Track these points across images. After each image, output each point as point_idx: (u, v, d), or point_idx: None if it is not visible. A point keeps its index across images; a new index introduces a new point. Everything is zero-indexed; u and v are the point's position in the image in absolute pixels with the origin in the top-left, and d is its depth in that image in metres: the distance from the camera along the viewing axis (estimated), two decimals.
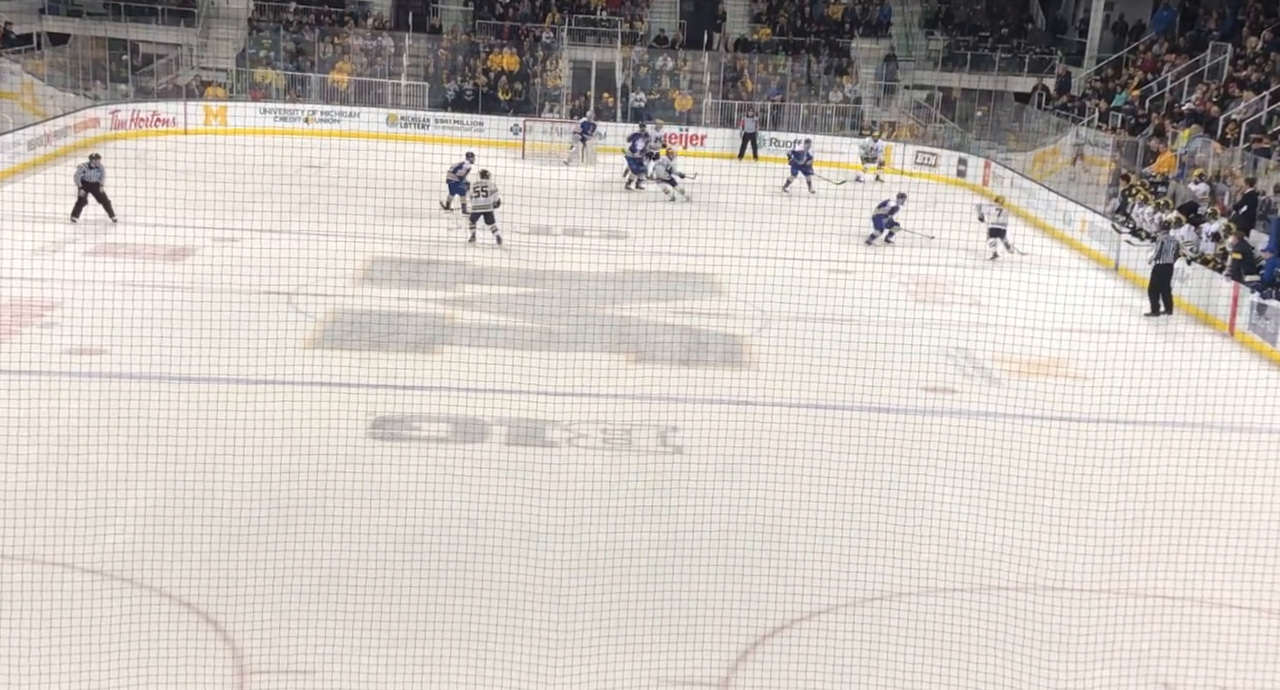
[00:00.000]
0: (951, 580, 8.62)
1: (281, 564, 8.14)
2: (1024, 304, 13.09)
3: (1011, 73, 32.11)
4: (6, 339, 12.94)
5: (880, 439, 11.31)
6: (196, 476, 9.61)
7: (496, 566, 8.39)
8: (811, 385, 11.64)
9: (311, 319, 14.61)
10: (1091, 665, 7.64)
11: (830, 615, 8.20)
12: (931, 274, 18.61)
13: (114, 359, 12.30)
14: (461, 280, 16.86)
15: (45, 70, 27.29)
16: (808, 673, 7.39)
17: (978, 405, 12.69)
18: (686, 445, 11.25)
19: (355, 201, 17.76)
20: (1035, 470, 10.02)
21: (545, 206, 22.51)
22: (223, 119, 29.43)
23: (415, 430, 11.28)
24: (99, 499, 8.69)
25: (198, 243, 17.78)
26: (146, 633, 7.35)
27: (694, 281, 17.56)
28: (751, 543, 9.05)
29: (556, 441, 11.11)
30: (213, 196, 17.88)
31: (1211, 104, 22.95)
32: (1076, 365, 14.19)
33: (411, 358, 13.28)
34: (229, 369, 11.81)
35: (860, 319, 15.59)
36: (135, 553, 8.41)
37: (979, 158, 28.74)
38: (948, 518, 9.42)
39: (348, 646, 7.44)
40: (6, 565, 8.08)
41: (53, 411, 10.18)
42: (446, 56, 32.84)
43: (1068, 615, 8.29)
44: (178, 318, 13.79)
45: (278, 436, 10.06)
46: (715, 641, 7.71)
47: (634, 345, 14.16)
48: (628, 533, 8.88)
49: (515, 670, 7.25)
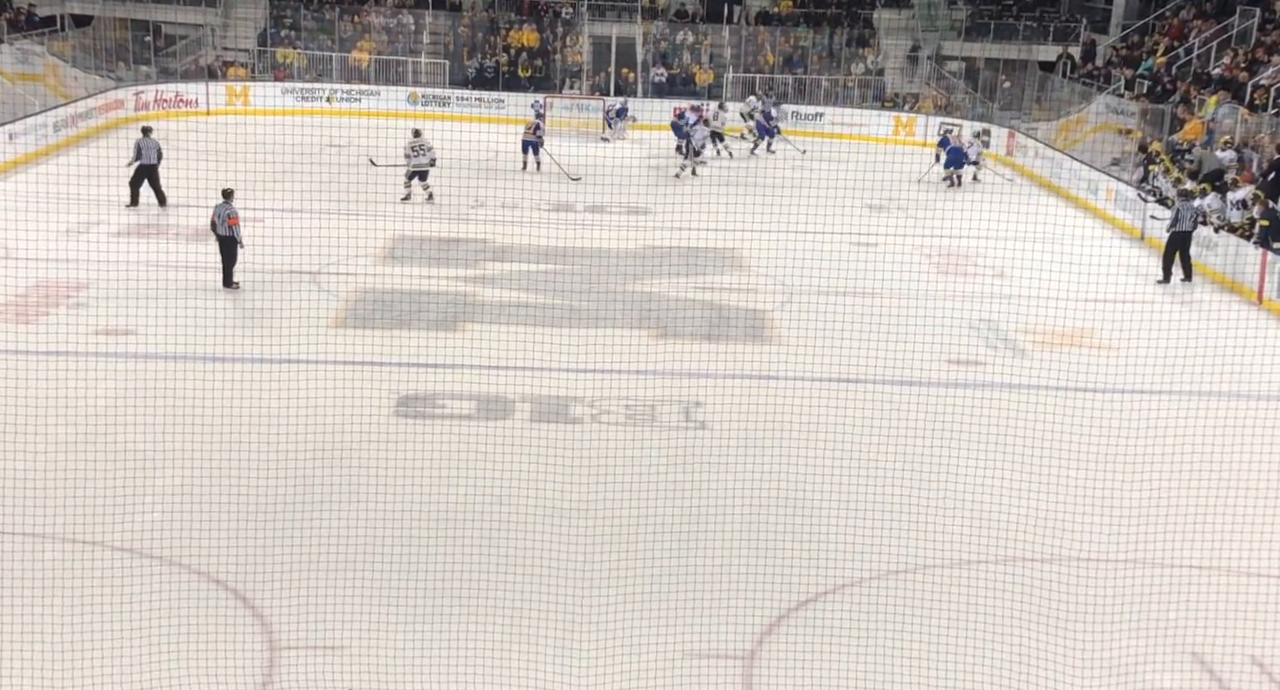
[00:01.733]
0: (979, 552, 8.60)
1: (310, 541, 8.22)
2: (1050, 275, 12.99)
3: (1035, 41, 31.75)
4: (36, 320, 13.07)
5: (905, 412, 11.29)
6: (225, 455, 9.70)
7: (522, 542, 8.44)
8: (835, 359, 11.60)
9: (336, 298, 14.67)
10: (1121, 636, 7.62)
11: (857, 588, 8.21)
12: (955, 246, 18.48)
13: (142, 339, 12.40)
14: (484, 258, 16.88)
15: (69, 52, 27.41)
16: (834, 646, 7.41)
17: (1004, 377, 12.63)
18: (711, 420, 11.25)
19: (377, 180, 17.79)
20: (1062, 441, 9.97)
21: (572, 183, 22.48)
22: (245, 99, 29.51)
23: (440, 408, 11.33)
24: (130, 478, 8.79)
25: None
26: (178, 609, 7.45)
27: (716, 257, 17.52)
28: (777, 517, 9.05)
29: (581, 418, 11.14)
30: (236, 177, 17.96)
31: (1239, 70, 22.62)
32: (1104, 335, 14.08)
33: (436, 336, 13.33)
34: (256, 348, 11.90)
35: (884, 292, 15.51)
36: (166, 531, 8.51)
37: (1003, 128, 28.46)
38: (974, 490, 9.40)
39: (377, 622, 7.51)
40: (40, 544, 8.19)
41: (83, 391, 10.28)
42: (467, 34, 32.75)
43: (1096, 586, 8.26)
44: (205, 298, 13.89)
45: (305, 415, 10.14)
46: (742, 615, 7.74)
47: (657, 321, 14.16)
48: (653, 508, 8.90)
49: (542, 645, 7.30)
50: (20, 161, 21.38)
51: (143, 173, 18.80)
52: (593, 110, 29.56)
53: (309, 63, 31.70)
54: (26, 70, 25.18)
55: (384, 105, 29.84)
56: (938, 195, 21.61)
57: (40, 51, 25.85)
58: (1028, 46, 31.49)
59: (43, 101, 24.15)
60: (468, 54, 32.21)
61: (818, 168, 24.69)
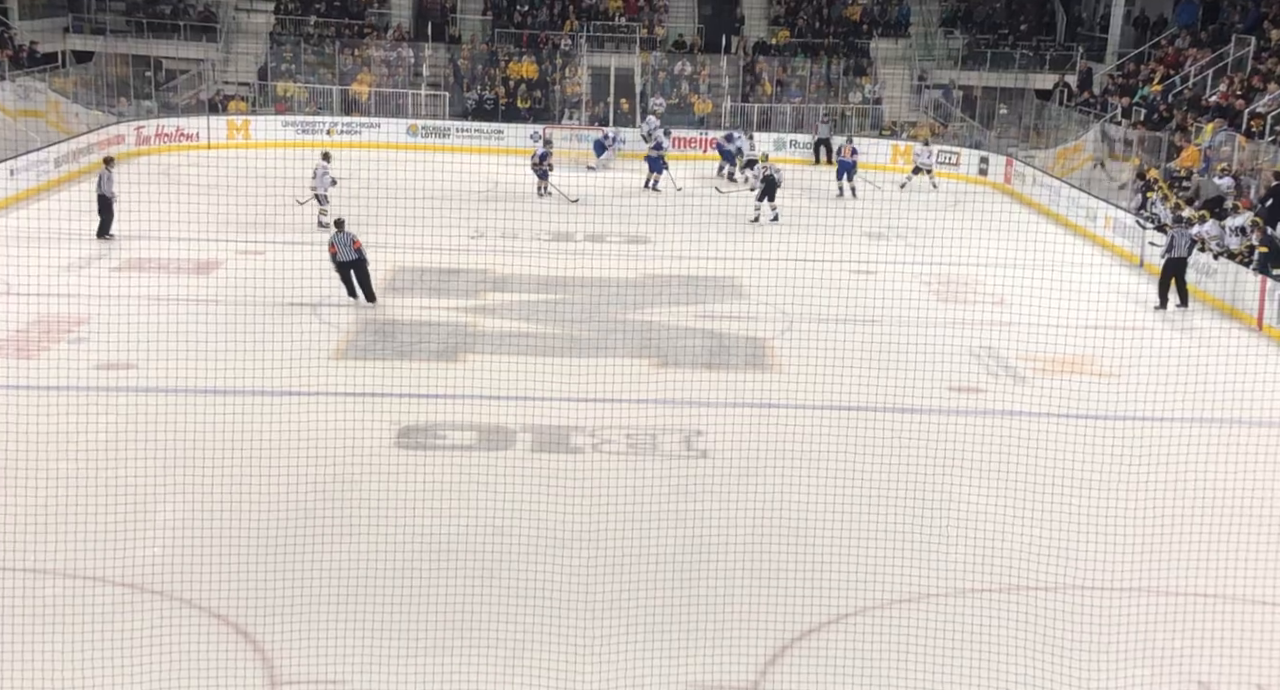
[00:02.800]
0: (981, 581, 8.57)
1: (311, 574, 8.19)
2: (1050, 302, 13.01)
3: (1032, 70, 31.94)
4: (37, 355, 13.08)
5: (907, 440, 11.27)
6: (226, 489, 9.68)
7: (524, 573, 8.41)
8: (836, 387, 11.60)
9: (337, 330, 14.69)
10: (1125, 665, 7.57)
11: (859, 618, 8.17)
12: (955, 273, 18.53)
13: (143, 373, 12.41)
14: (484, 288, 16.92)
15: (71, 88, 27.59)
16: (837, 676, 7.37)
17: (1005, 404, 12.62)
18: (711, 449, 11.24)
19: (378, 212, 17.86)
20: (1064, 468, 9.95)
21: (569, 211, 22.58)
22: (246, 133, 29.66)
23: (441, 438, 11.32)
24: (130, 512, 8.77)
25: (223, 256, 17.93)
26: (179, 645, 7.41)
27: (716, 285, 17.56)
28: (779, 546, 9.03)
29: (581, 447, 11.13)
30: (237, 210, 18.02)
31: (1236, 97, 22.75)
32: (1104, 363, 14.09)
33: (436, 366, 13.34)
34: (256, 381, 11.90)
35: (884, 319, 15.53)
36: (167, 565, 8.48)
37: (1000, 156, 28.60)
38: (976, 518, 9.37)
39: (378, 655, 7.47)
40: (41, 579, 8.16)
41: (83, 426, 10.28)
42: (466, 66, 32.97)
43: (1100, 614, 8.22)
44: (205, 331, 13.91)
45: (305, 447, 10.12)
46: (744, 646, 7.70)
47: (658, 350, 14.17)
48: (654, 538, 8.88)
49: (544, 676, 7.26)
50: (21, 196, 21.48)
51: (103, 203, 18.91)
52: (591, 141, 29.71)
53: (309, 96, 31.89)
54: (28, 106, 25.34)
55: (384, 137, 29.99)
56: (937, 223, 21.66)
57: (42, 87, 26.02)
58: (1024, 75, 31.68)
59: (44, 137, 24.28)
60: (467, 86, 32.43)
61: (817, 196, 24.79)
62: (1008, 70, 31.99)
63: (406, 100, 31.72)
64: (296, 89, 31.91)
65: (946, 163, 29.80)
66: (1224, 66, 24.71)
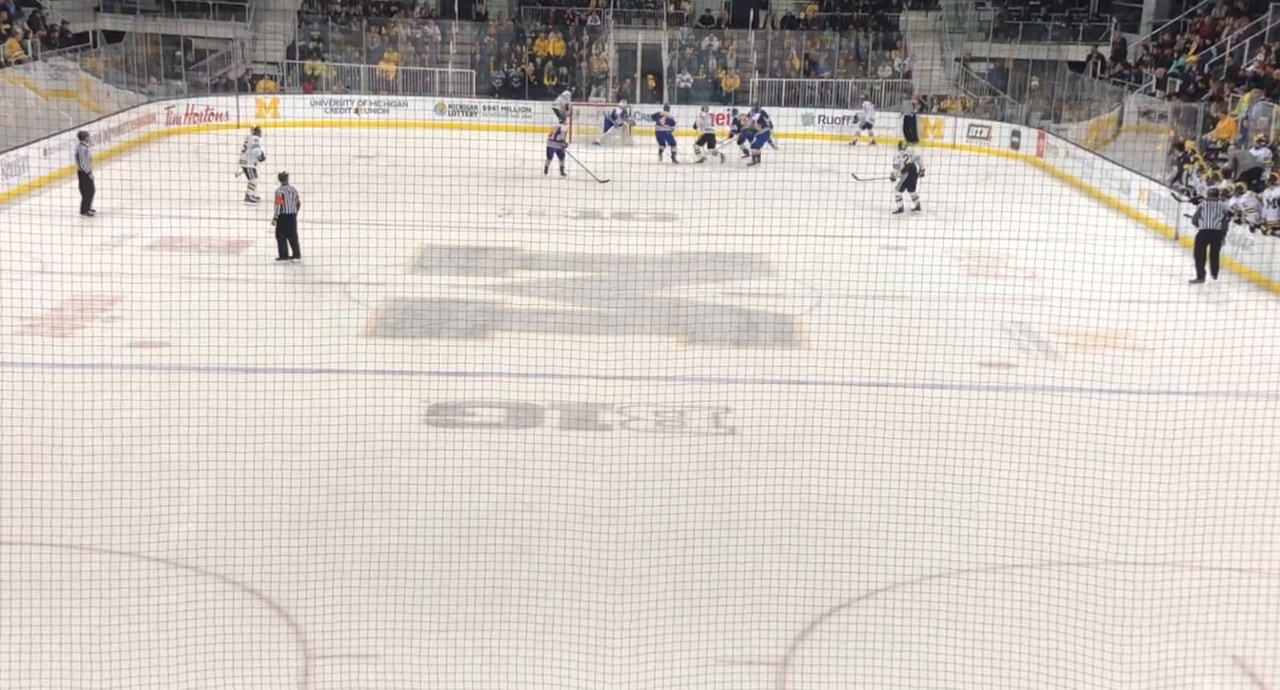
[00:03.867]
0: (1013, 556, 8.52)
1: (343, 550, 8.26)
2: (1082, 276, 12.88)
3: (1065, 42, 31.50)
4: (72, 333, 13.23)
5: (937, 416, 11.21)
6: (259, 465, 9.76)
7: (554, 549, 8.44)
8: (866, 363, 11.55)
9: (367, 308, 14.76)
10: (1160, 639, 7.52)
11: (890, 593, 8.15)
12: (986, 248, 18.36)
13: (176, 351, 12.52)
14: (513, 266, 16.93)
15: (102, 68, 27.75)
16: (868, 652, 7.36)
17: (1037, 379, 12.52)
18: (740, 426, 11.22)
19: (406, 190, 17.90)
20: (1097, 444, 9.87)
21: (597, 189, 22.55)
22: (275, 112, 29.77)
23: (470, 416, 11.36)
24: (166, 489, 8.87)
25: (253, 235, 18.02)
26: (214, 619, 7.50)
27: (744, 262, 17.49)
28: (808, 522, 9.01)
29: (610, 425, 11.14)
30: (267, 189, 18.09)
31: (1273, 67, 22.35)
32: (1138, 336, 13.94)
33: (465, 344, 13.38)
34: (288, 359, 11.97)
35: (914, 295, 15.42)
36: (202, 541, 8.58)
37: (1032, 129, 28.26)
38: (1008, 494, 9.32)
39: (410, 630, 7.53)
40: (78, 555, 8.28)
41: (119, 404, 10.39)
42: (493, 43, 32.90)
43: (1134, 589, 8.17)
44: (237, 309, 14.01)
45: (337, 425, 10.20)
46: (774, 621, 7.70)
47: (686, 327, 14.14)
48: (684, 514, 8.89)
49: (575, 652, 7.30)
50: (55, 176, 21.66)
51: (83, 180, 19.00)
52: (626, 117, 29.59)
53: (337, 75, 31.94)
54: (60, 86, 25.51)
55: (412, 116, 30.00)
56: (968, 197, 21.44)
57: (73, 67, 26.18)
58: (1057, 47, 31.25)
59: (76, 117, 24.45)
60: (494, 64, 32.37)
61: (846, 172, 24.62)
62: (1040, 42, 31.56)
63: (434, 78, 31.71)
64: (324, 68, 31.97)
65: (978, 137, 29.51)
66: (1261, 35, 24.26)
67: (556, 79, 31.94)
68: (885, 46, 32.86)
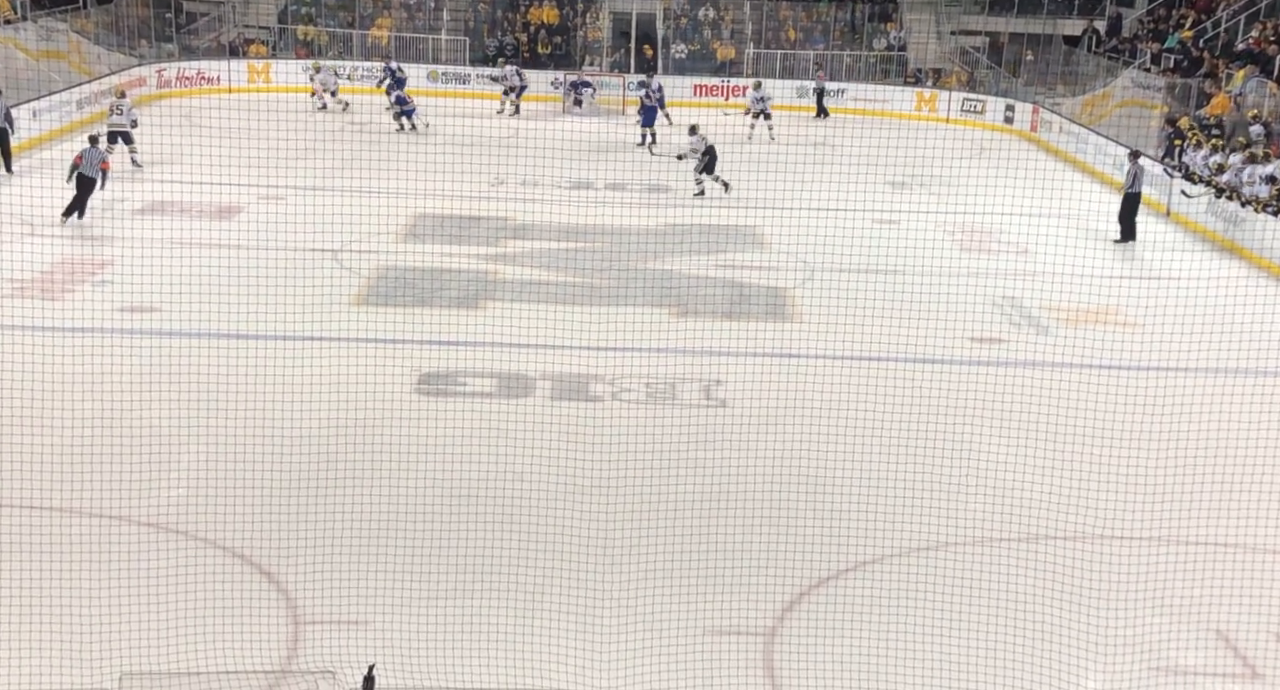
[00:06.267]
0: (1000, 530, 8.58)
1: (332, 517, 8.27)
2: (1073, 251, 12.89)
3: (1060, 15, 31.37)
4: (62, 297, 13.16)
5: (927, 390, 11.24)
6: (248, 431, 9.76)
7: (543, 520, 8.47)
8: (857, 337, 11.56)
9: (358, 276, 14.71)
10: (1145, 614, 7.59)
11: (878, 565, 8.21)
12: (978, 223, 18.35)
13: (166, 316, 12.47)
14: (504, 236, 16.88)
15: (92, 30, 27.46)
16: (856, 623, 7.41)
17: (1027, 355, 12.55)
18: (731, 398, 11.24)
19: (398, 158, 17.81)
20: (1086, 419, 9.92)
21: (589, 159, 22.45)
22: (266, 77, 29.52)
23: (461, 385, 11.36)
24: (155, 454, 8.86)
25: (244, 201, 17.92)
26: (203, 584, 7.52)
27: (737, 234, 17.45)
28: (797, 494, 9.05)
29: (601, 396, 11.15)
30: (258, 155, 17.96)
31: (1269, 43, 22.30)
32: (1128, 312, 13.98)
33: (457, 313, 13.35)
34: (278, 326, 11.93)
35: (906, 270, 15.43)
36: (191, 506, 8.58)
37: (1027, 104, 28.19)
38: (996, 468, 9.36)
39: (399, 598, 7.56)
40: (67, 519, 8.28)
41: (108, 368, 10.35)
42: (487, 10, 32.63)
43: (1120, 564, 8.23)
44: (227, 276, 13.95)
45: (327, 392, 10.19)
46: (762, 592, 7.75)
47: (677, 299, 14.13)
48: (673, 486, 8.92)
49: (563, 622, 7.34)
50: (45, 138, 21.48)
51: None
52: (612, 87, 29.43)
53: (330, 40, 31.67)
54: (50, 47, 25.24)
55: (406, 83, 29.78)
56: (960, 172, 21.42)
57: (64, 29, 25.90)
58: (1052, 20, 31.12)
59: (66, 79, 24.22)
60: (488, 31, 32.12)
61: (839, 144, 24.54)
62: (1035, 16, 31.42)
63: (427, 45, 31.46)
64: (317, 33, 31.69)
65: (972, 111, 29.43)
66: (1257, 11, 24.20)
67: (550, 48, 31.72)
68: (881, 19, 32.68)
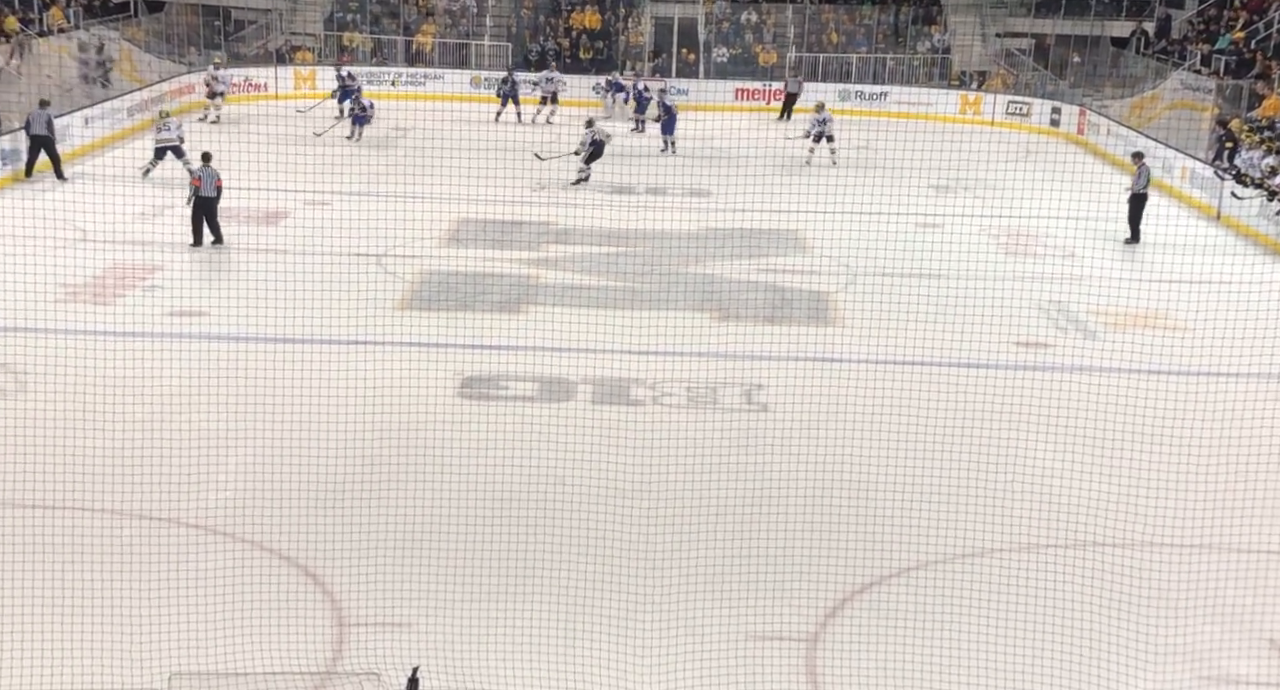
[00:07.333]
0: (1047, 537, 8.48)
1: (377, 520, 8.34)
2: (1121, 255, 12.72)
3: (1108, 17, 30.98)
4: (113, 301, 13.37)
5: (971, 395, 11.13)
6: (294, 435, 9.84)
7: (584, 523, 8.47)
8: (900, 341, 11.49)
9: (401, 280, 14.82)
10: (1196, 622, 7.47)
11: (921, 571, 8.14)
12: (1023, 226, 18.17)
13: (214, 321, 12.63)
14: (546, 240, 16.94)
15: (143, 38, 27.90)
16: (899, 630, 7.35)
17: (1073, 359, 12.40)
18: (772, 403, 11.20)
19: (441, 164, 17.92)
20: (1134, 425, 9.77)
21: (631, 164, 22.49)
22: (312, 83, 29.81)
23: (503, 389, 11.41)
24: (202, 457, 8.98)
25: (290, 206, 18.11)
26: (250, 586, 7.59)
27: (778, 238, 17.39)
28: (840, 500, 8.99)
29: (642, 400, 11.15)
30: (303, 160, 18.18)
31: None
32: (1177, 316, 13.77)
33: (499, 318, 13.41)
34: (323, 330, 12.05)
35: (949, 273, 15.30)
36: (238, 509, 8.68)
37: (1073, 106, 27.87)
38: (1042, 474, 9.26)
39: (442, 600, 7.59)
40: (117, 520, 8.40)
41: (157, 372, 10.50)
42: (529, 16, 32.78)
43: (1170, 571, 8.10)
44: (273, 280, 14.09)
45: (371, 396, 10.26)
46: (805, 597, 7.71)
47: (719, 303, 14.11)
48: (714, 490, 8.89)
49: (604, 625, 7.34)
50: (96, 145, 21.84)
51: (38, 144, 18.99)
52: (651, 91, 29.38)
53: (374, 46, 31.95)
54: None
55: (448, 89, 29.92)
56: (1005, 175, 21.21)
57: (115, 37, 26.34)
58: (1100, 22, 30.74)
59: (117, 87, 24.63)
60: (530, 37, 32.25)
61: (881, 148, 24.39)
62: (1082, 17, 31.05)
63: (470, 51, 31.64)
64: (362, 39, 31.98)
65: (1017, 113, 29.15)
66: None
67: (592, 52, 31.80)
68: (924, 21, 32.45)
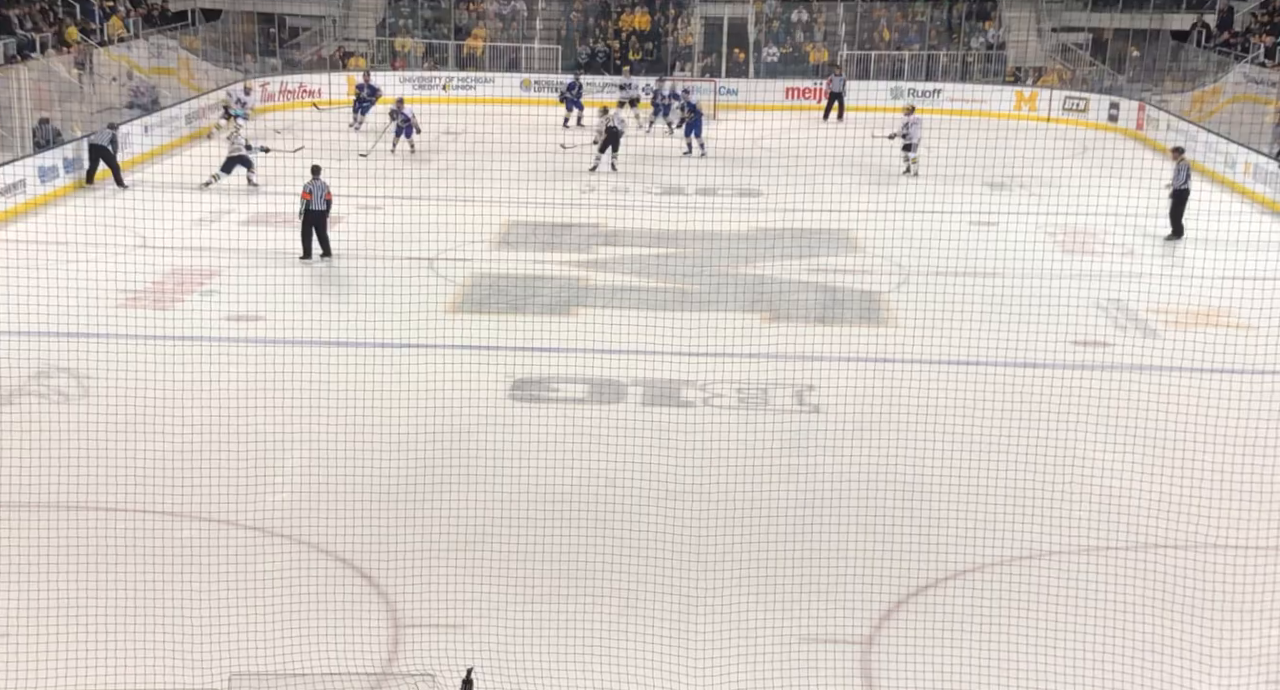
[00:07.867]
0: (1107, 538, 8.33)
1: (431, 522, 8.39)
2: (1182, 252, 12.47)
3: (1168, 10, 30.40)
4: (172, 306, 13.60)
5: (1028, 395, 10.97)
6: (349, 437, 9.95)
7: (636, 525, 8.46)
8: (954, 341, 11.35)
9: (452, 283, 14.91)
10: (1261, 625, 7.30)
11: (978, 574, 8.03)
12: (1081, 224, 17.88)
13: (270, 325, 12.80)
14: (596, 242, 16.96)
15: (199, 46, 28.38)
16: (955, 632, 7.26)
17: (1134, 358, 12.18)
18: (824, 404, 11.11)
19: (492, 167, 18.02)
20: (1197, 425, 9.57)
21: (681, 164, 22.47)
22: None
23: (554, 391, 11.43)
24: (260, 459, 9.09)
25: (343, 210, 18.28)
26: (306, 587, 7.67)
27: (829, 238, 17.28)
28: (894, 502, 8.90)
29: (693, 401, 11.12)
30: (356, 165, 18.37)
31: None
32: (1240, 314, 13.47)
33: (549, 320, 13.45)
34: (377, 334, 12.16)
35: (1004, 272, 15.09)
36: (294, 511, 8.78)
37: (1132, 101, 27.39)
38: (1102, 475, 9.10)
39: (496, 602, 7.62)
40: (177, 522, 8.54)
41: (215, 375, 10.66)
42: (579, 19, 32.87)
43: (1235, 573, 7.92)
44: (327, 284, 14.27)
45: (424, 398, 10.34)
46: (859, 600, 7.64)
47: (769, 304, 14.04)
48: (767, 492, 8.84)
49: (657, 627, 7.32)
50: (155, 153, 22.25)
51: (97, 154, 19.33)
52: (703, 92, 29.35)
53: (426, 51, 32.22)
54: (160, 64, 26.17)
55: (499, 92, 30.12)
56: (1062, 172, 20.91)
57: (173, 46, 26.84)
58: (1159, 15, 30.17)
59: (175, 94, 25.07)
60: (580, 39, 32.35)
61: (935, 145, 24.14)
62: (1141, 11, 30.50)
63: (520, 54, 31.81)
64: (413, 44, 32.27)
65: (1074, 109, 28.71)
66: None
67: (641, 54, 31.82)
68: (979, 17, 32.06)
